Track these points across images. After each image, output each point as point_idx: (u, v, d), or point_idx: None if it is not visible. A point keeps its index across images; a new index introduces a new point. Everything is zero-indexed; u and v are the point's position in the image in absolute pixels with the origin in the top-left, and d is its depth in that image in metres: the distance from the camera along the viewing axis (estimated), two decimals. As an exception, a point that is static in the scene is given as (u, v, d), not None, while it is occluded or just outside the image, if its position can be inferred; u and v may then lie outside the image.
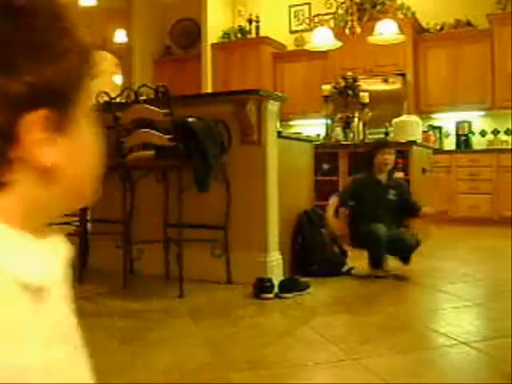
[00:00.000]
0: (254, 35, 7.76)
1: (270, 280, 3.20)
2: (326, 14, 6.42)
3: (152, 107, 3.20)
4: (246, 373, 2.01)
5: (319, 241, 3.83)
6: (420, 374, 2.00)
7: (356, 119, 6.01)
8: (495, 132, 6.94)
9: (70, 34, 0.55)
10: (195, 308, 2.94)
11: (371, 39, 5.40)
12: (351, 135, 6.02)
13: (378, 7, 6.60)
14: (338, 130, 6.09)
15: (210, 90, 7.29)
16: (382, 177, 3.85)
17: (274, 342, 2.41)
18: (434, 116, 7.13)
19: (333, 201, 3.85)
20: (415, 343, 2.35)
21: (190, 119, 3.30)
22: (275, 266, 3.48)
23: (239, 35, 7.82)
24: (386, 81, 6.73)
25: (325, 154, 5.40)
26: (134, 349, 2.28)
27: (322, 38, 5.42)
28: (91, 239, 3.96)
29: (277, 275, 3.39)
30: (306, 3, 7.67)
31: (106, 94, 3.51)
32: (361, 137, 6.01)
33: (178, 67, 8.08)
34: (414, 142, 5.09)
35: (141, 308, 2.93)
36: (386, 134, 5.99)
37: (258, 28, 7.74)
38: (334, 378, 2.04)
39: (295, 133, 5.62)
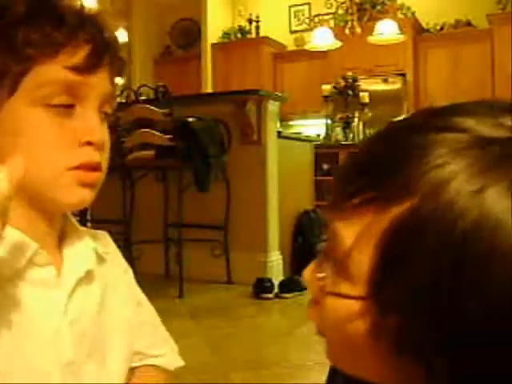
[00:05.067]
0: (254, 35, 7.75)
1: (270, 280, 3.21)
2: (326, 14, 6.42)
3: (152, 107, 3.20)
4: (246, 373, 2.01)
5: (319, 241, 3.83)
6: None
7: (356, 119, 6.02)
8: (495, 132, 6.94)
9: None
10: (195, 308, 2.94)
11: (371, 39, 5.40)
12: (351, 135, 6.03)
13: (378, 7, 6.59)
14: (338, 130, 6.09)
15: (210, 90, 7.28)
16: None
17: (274, 342, 2.41)
18: (434, 116, 7.12)
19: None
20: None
21: (190, 119, 3.31)
22: (275, 266, 3.48)
23: (239, 35, 7.81)
24: (385, 81, 6.72)
25: (325, 154, 5.39)
26: (133, 349, 2.28)
27: (322, 38, 5.42)
28: (91, 239, 3.96)
29: (277, 275, 3.39)
30: (305, 3, 7.66)
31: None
32: (361, 137, 6.01)
33: (178, 67, 8.06)
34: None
35: (141, 308, 2.93)
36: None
37: (257, 28, 7.73)
38: (334, 377, 2.04)
39: (295, 133, 5.62)
